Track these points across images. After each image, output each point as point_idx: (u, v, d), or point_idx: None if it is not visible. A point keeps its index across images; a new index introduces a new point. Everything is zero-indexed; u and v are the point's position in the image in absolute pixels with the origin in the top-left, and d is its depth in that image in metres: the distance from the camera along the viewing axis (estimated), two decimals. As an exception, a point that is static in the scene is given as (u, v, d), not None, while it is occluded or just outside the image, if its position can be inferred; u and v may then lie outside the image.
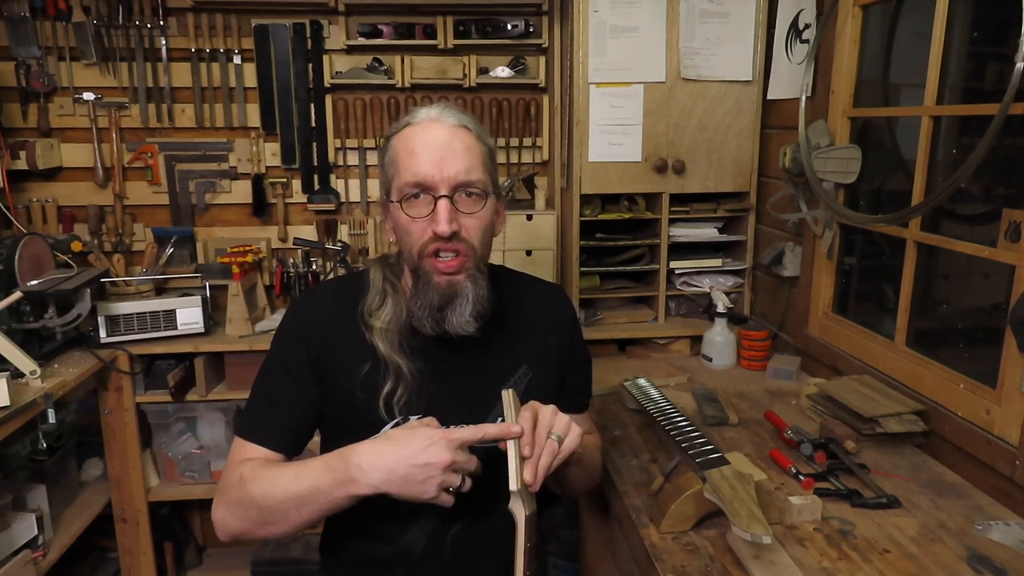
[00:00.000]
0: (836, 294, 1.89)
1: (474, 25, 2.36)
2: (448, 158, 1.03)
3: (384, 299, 1.13)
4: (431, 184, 1.03)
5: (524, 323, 1.21)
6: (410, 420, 1.10)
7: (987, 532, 1.15)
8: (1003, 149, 1.39)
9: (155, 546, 2.34)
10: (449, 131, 1.05)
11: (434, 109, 1.08)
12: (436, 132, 1.04)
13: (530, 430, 0.95)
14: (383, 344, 1.10)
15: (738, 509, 1.03)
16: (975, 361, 1.45)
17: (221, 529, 1.05)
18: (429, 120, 1.06)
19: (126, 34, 2.33)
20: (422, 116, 1.07)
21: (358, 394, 1.10)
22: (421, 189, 1.03)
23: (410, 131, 1.06)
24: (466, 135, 1.06)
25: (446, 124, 1.05)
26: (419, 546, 1.15)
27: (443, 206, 1.02)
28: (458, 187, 1.04)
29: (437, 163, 1.02)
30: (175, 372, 2.21)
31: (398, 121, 1.11)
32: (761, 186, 2.20)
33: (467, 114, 1.10)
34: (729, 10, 2.08)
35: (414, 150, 1.04)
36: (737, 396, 1.80)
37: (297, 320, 1.15)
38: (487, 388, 1.14)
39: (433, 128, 1.05)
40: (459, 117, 1.07)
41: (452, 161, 1.03)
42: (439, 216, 1.02)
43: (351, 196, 2.51)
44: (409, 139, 1.05)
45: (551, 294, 1.28)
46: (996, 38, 1.48)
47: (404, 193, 1.05)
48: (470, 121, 1.08)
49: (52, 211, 2.40)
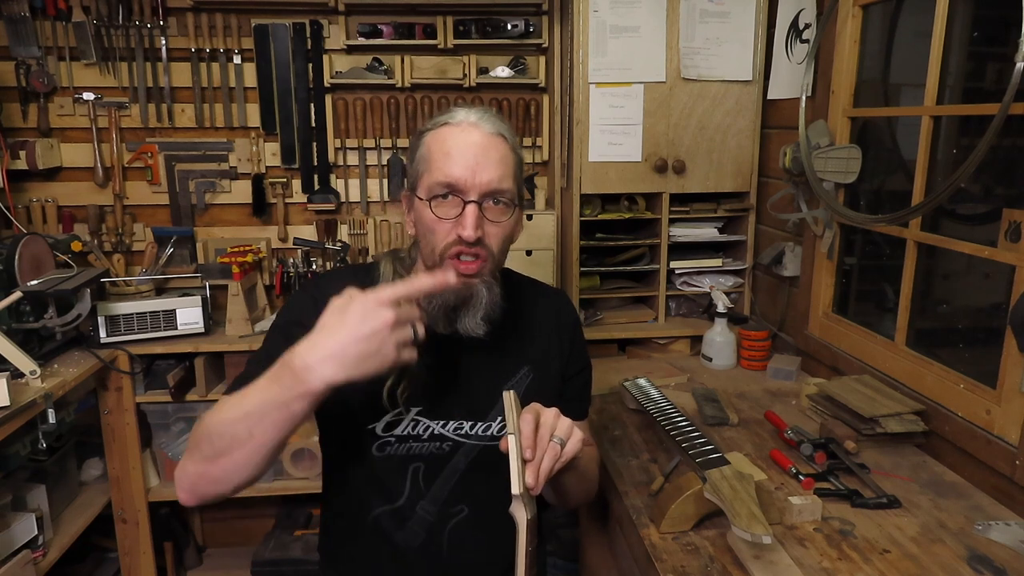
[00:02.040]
0: (836, 294, 1.89)
1: (474, 25, 2.36)
2: (483, 164, 1.02)
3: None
4: (462, 188, 1.02)
5: (527, 326, 1.21)
6: (411, 412, 1.11)
7: (987, 532, 1.15)
8: (1003, 149, 1.39)
9: (155, 546, 2.34)
10: (486, 138, 1.04)
11: (473, 113, 1.06)
12: (473, 136, 1.04)
13: (532, 432, 0.93)
14: None
15: (738, 509, 1.03)
16: (975, 361, 1.44)
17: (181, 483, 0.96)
18: (468, 123, 1.05)
19: (126, 34, 2.33)
20: (461, 118, 1.06)
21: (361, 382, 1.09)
22: (451, 191, 1.03)
23: (447, 131, 1.05)
24: (502, 144, 1.05)
25: (484, 130, 1.04)
26: (415, 543, 1.15)
27: (471, 211, 1.02)
28: (488, 195, 1.03)
29: (472, 167, 1.02)
30: (175, 372, 2.21)
31: (433, 118, 1.09)
32: (761, 186, 2.20)
33: (504, 122, 1.09)
34: (729, 10, 2.08)
35: (449, 152, 1.03)
36: (737, 396, 1.80)
37: (306, 299, 1.12)
38: (489, 388, 1.15)
39: (471, 132, 1.04)
40: (497, 125, 1.06)
41: (486, 168, 1.02)
42: (467, 221, 1.01)
43: (351, 196, 2.51)
44: (445, 139, 1.04)
45: (554, 298, 1.29)
46: (996, 38, 1.48)
47: (433, 192, 1.04)
48: (507, 130, 1.08)
49: (52, 211, 2.40)
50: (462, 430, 1.14)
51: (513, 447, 0.93)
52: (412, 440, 1.13)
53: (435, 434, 1.13)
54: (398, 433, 1.12)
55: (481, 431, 1.15)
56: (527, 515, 0.93)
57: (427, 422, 1.13)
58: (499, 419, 1.15)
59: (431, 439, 1.13)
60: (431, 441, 1.13)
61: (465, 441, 1.14)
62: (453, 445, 1.14)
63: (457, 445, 1.14)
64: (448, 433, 1.14)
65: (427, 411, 1.12)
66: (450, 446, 1.14)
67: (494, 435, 1.15)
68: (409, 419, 1.12)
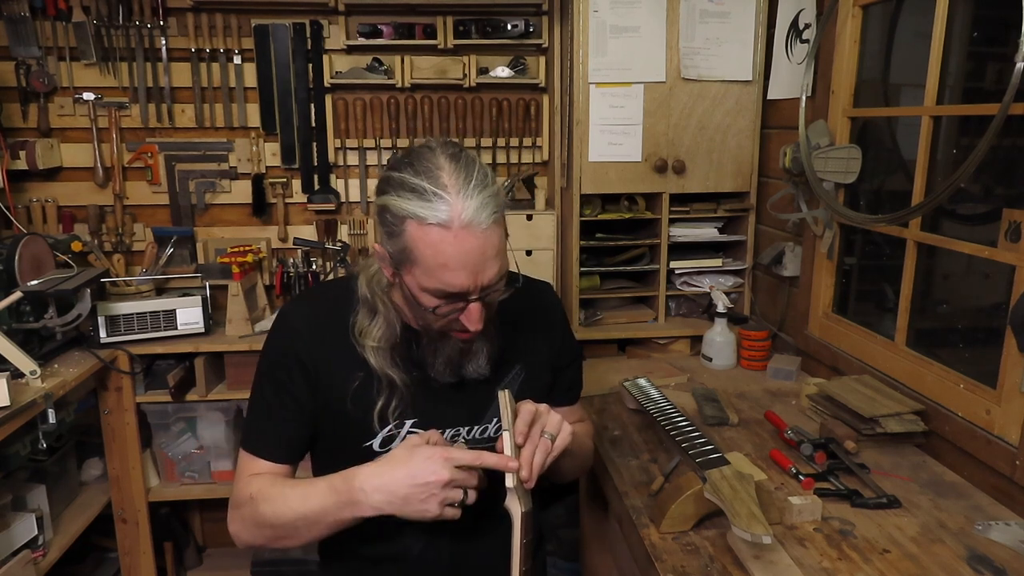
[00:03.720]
0: (836, 294, 1.89)
1: (474, 25, 2.36)
2: (483, 268, 0.96)
3: (375, 317, 1.10)
4: (464, 293, 0.98)
5: (516, 324, 1.20)
6: (405, 426, 1.11)
7: (987, 532, 1.15)
8: (1003, 149, 1.39)
9: (155, 546, 2.34)
10: (483, 238, 0.94)
11: (465, 208, 0.92)
12: (470, 242, 0.93)
13: (525, 429, 0.98)
14: (375, 359, 1.08)
15: (738, 509, 1.03)
16: (975, 361, 1.44)
17: (238, 542, 1.11)
18: (461, 227, 0.92)
19: (126, 34, 2.33)
20: (451, 218, 0.92)
21: (350, 405, 1.10)
22: (451, 296, 0.99)
23: (438, 236, 0.93)
24: (496, 235, 0.96)
25: (478, 231, 0.93)
26: (417, 547, 1.15)
27: (475, 308, 1.00)
28: (489, 288, 1.00)
29: (472, 275, 0.96)
30: (175, 372, 2.21)
31: (414, 195, 0.94)
32: (761, 186, 2.20)
33: (491, 190, 0.96)
34: (729, 10, 2.08)
35: (446, 264, 0.94)
36: (737, 396, 1.80)
37: (285, 329, 1.12)
38: (483, 391, 1.14)
39: (466, 239, 0.93)
40: (490, 211, 0.94)
41: (486, 270, 0.97)
42: (472, 316, 1.00)
43: (351, 196, 2.51)
44: (440, 246, 0.93)
45: (540, 293, 1.28)
46: (996, 38, 1.48)
47: (431, 293, 0.99)
48: (495, 202, 0.95)
49: (52, 211, 2.40)
50: (459, 436, 1.14)
51: (508, 443, 0.97)
52: None
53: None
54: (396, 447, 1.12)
55: (478, 434, 1.15)
56: (521, 508, 0.97)
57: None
58: (495, 420, 1.15)
59: None
60: None
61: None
62: None
63: None
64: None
65: (422, 423, 1.11)
66: None
67: (490, 436, 1.15)
68: (405, 432, 1.11)
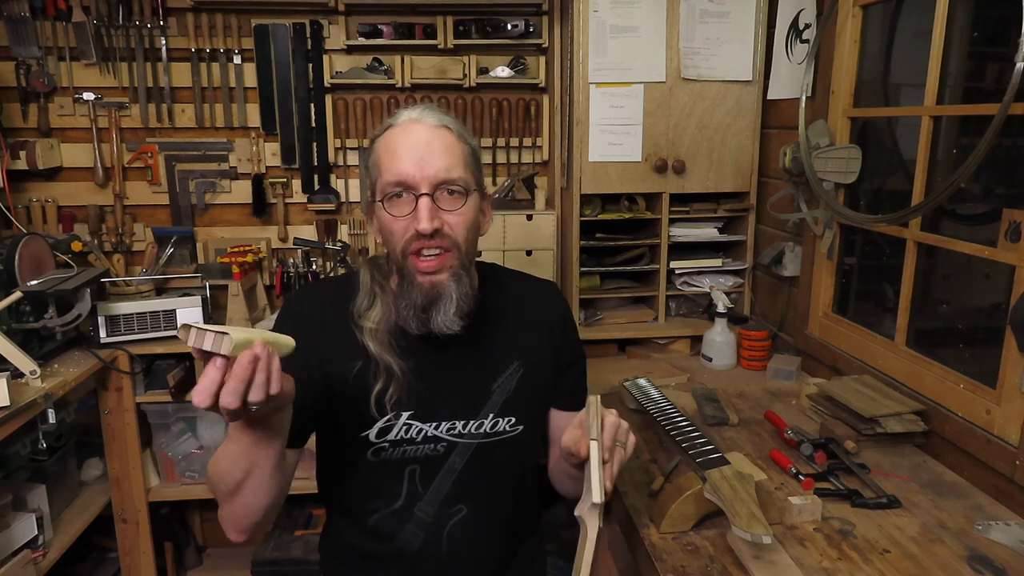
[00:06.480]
0: (836, 294, 1.89)
1: (474, 25, 2.36)
2: (428, 157, 1.04)
3: (373, 300, 1.14)
4: (412, 183, 1.04)
5: (516, 320, 1.21)
6: (402, 417, 1.11)
7: (987, 532, 1.15)
8: (1003, 149, 1.39)
9: (155, 546, 2.34)
10: (430, 131, 1.06)
11: (415, 110, 1.09)
12: (417, 132, 1.06)
13: (611, 444, 0.97)
14: (373, 344, 1.11)
15: (738, 509, 1.03)
16: (975, 361, 1.44)
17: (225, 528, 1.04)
18: (410, 121, 1.07)
19: (126, 34, 2.33)
20: (403, 118, 1.09)
21: (349, 391, 1.11)
22: (403, 188, 1.05)
23: (391, 132, 1.08)
24: (447, 135, 1.07)
25: (427, 124, 1.07)
26: (415, 543, 1.16)
27: (424, 204, 1.03)
28: (439, 185, 1.05)
29: (417, 162, 1.04)
30: (175, 372, 2.21)
31: (382, 127, 1.12)
32: (761, 186, 2.20)
33: (449, 114, 1.11)
34: (729, 10, 2.08)
35: (395, 151, 1.05)
36: (737, 396, 1.80)
37: (290, 316, 1.16)
38: (479, 385, 1.15)
39: (414, 128, 1.06)
40: (440, 117, 1.09)
41: (432, 160, 1.04)
42: (420, 214, 1.03)
43: (351, 196, 2.51)
44: (391, 140, 1.07)
45: (544, 291, 1.28)
46: (996, 38, 1.48)
47: (386, 193, 1.06)
48: (451, 121, 1.09)
49: (52, 211, 2.40)
50: (455, 430, 1.14)
51: (595, 454, 0.92)
52: (406, 444, 1.13)
53: (428, 436, 1.13)
54: (391, 438, 1.12)
55: (474, 429, 1.15)
56: (600, 523, 0.92)
57: (419, 425, 1.13)
58: (491, 416, 1.15)
59: (425, 441, 1.13)
60: (425, 443, 1.13)
61: (459, 441, 1.15)
62: (448, 446, 1.14)
63: (452, 445, 1.14)
64: (441, 434, 1.14)
65: (418, 414, 1.12)
66: (444, 447, 1.14)
67: (487, 432, 1.15)
68: (401, 423, 1.12)
